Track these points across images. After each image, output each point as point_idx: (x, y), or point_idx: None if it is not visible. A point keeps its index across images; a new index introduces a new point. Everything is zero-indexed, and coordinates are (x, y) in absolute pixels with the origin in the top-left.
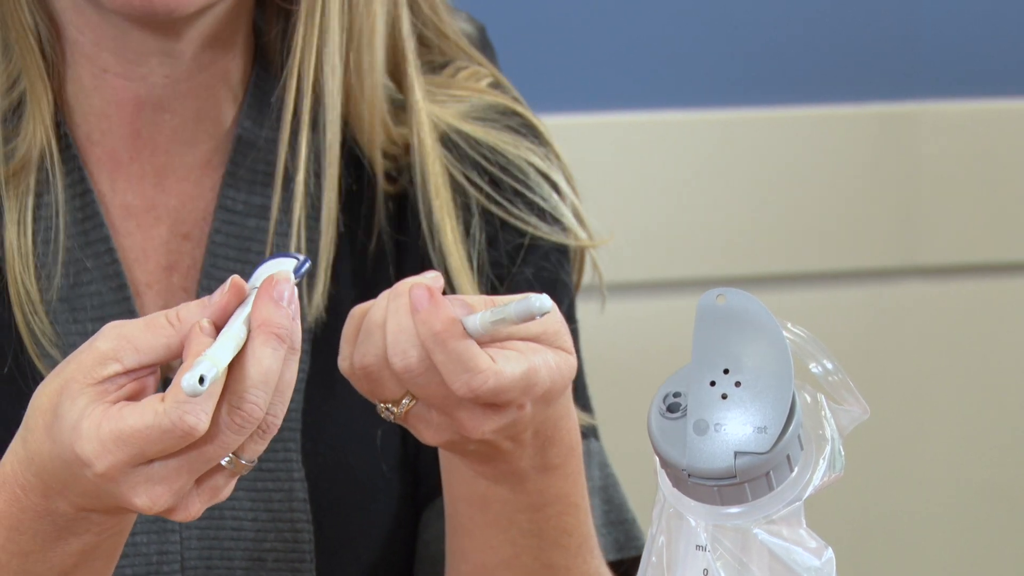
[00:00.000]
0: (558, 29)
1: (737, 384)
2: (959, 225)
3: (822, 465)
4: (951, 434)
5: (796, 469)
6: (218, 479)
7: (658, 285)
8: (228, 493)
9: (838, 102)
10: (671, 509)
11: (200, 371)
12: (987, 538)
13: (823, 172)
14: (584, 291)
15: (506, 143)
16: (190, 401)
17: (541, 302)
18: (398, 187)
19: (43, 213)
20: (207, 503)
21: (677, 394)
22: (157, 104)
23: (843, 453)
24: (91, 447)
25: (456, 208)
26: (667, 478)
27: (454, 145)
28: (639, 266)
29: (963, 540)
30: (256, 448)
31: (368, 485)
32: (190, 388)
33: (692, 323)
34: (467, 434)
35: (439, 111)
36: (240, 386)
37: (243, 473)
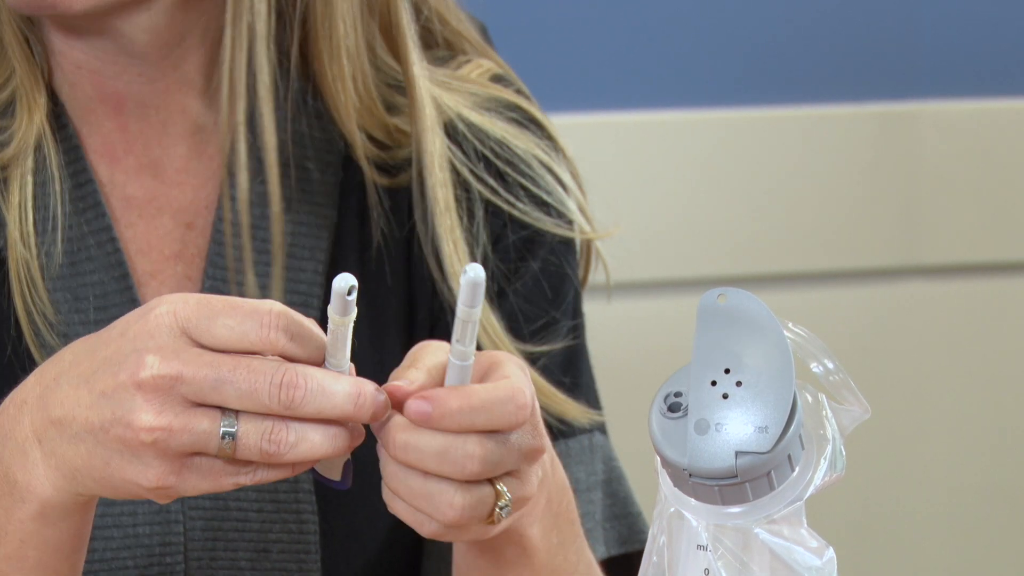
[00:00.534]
0: (560, 29)
1: (738, 384)
2: (960, 225)
3: (823, 465)
4: (952, 433)
5: (797, 469)
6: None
7: (659, 284)
8: (199, 485)
9: (839, 102)
10: (672, 509)
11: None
12: (987, 538)
13: (824, 172)
14: (589, 288)
15: (512, 135)
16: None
17: (475, 271)
18: (397, 180)
19: (41, 203)
20: (185, 476)
21: (678, 393)
22: (139, 100)
23: (844, 453)
24: (168, 306)
25: (459, 202)
26: (668, 478)
27: (460, 136)
28: (641, 265)
29: (964, 540)
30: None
31: (374, 476)
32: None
33: (693, 322)
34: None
35: (447, 96)
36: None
37: (219, 453)
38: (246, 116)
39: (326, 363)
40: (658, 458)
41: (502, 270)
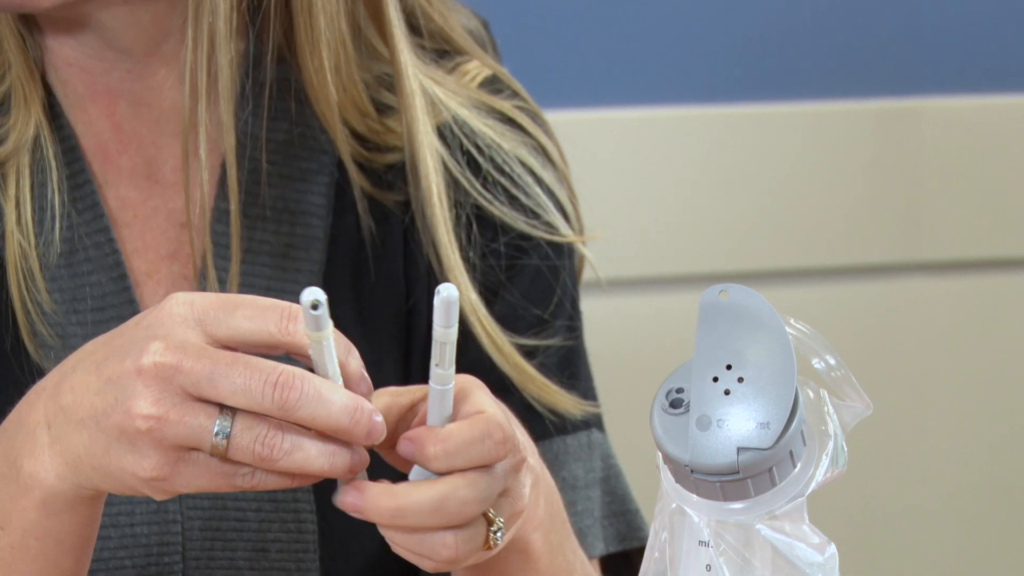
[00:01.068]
0: (560, 25)
1: (740, 380)
2: (962, 221)
3: (825, 461)
4: (954, 429)
5: (799, 465)
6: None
7: (661, 281)
8: (192, 482)
9: (841, 98)
10: (674, 505)
11: (314, 298)
12: (989, 533)
13: (826, 168)
14: (587, 286)
15: (503, 138)
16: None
17: (447, 290)
18: (393, 196)
19: (39, 198)
20: (178, 471)
21: (680, 390)
22: (132, 98)
23: (846, 449)
24: (187, 296)
25: (450, 199)
26: (670, 474)
27: (452, 137)
28: (642, 262)
29: (965, 535)
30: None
31: (372, 477)
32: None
33: (695, 319)
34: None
35: (443, 95)
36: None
37: (211, 450)
38: (206, 116)
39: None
40: (660, 454)
41: (495, 272)
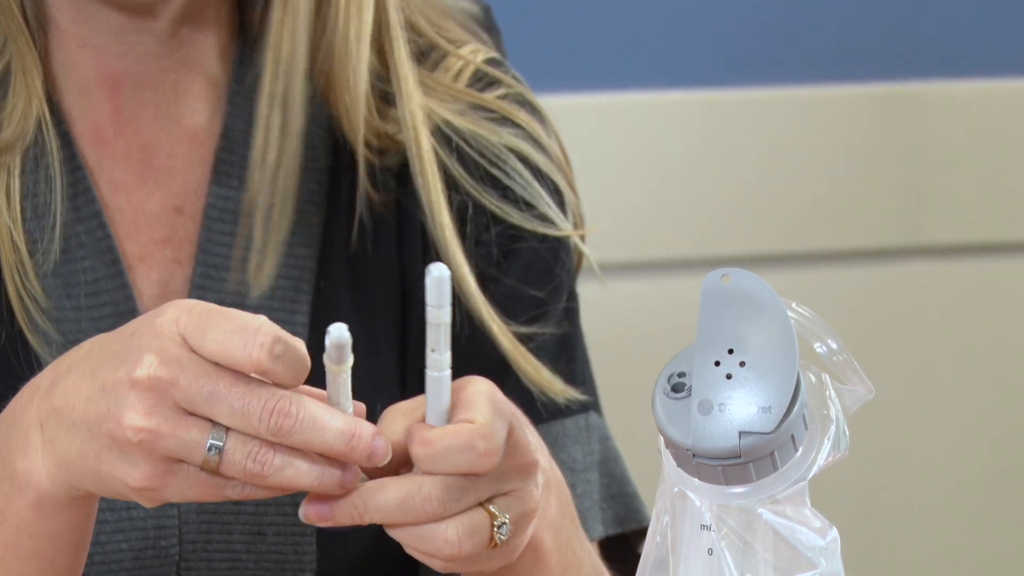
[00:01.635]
0: (560, 9)
1: (741, 364)
2: (963, 205)
3: (826, 445)
4: (955, 413)
5: (800, 449)
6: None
7: (663, 265)
8: (183, 491)
9: (842, 81)
10: (675, 489)
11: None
12: (991, 519)
13: (828, 152)
14: (589, 272)
15: (494, 133)
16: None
17: (439, 269)
18: (389, 196)
19: (34, 189)
20: (171, 484)
21: (681, 374)
22: (138, 81)
23: (847, 433)
24: (175, 312)
25: (448, 200)
26: (671, 458)
27: (445, 137)
28: (644, 246)
29: (967, 518)
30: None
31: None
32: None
33: (697, 303)
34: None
35: (433, 105)
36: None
37: (204, 465)
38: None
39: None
40: (661, 438)
41: (491, 259)
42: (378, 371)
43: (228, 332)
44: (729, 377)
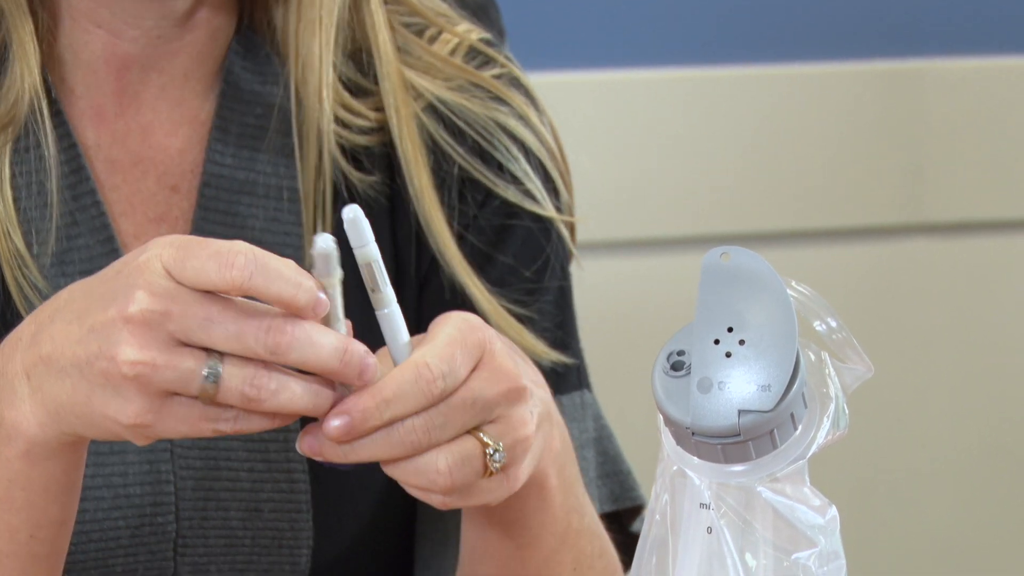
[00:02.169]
0: None
1: (741, 342)
2: (964, 182)
3: (826, 423)
4: (955, 391)
5: (800, 427)
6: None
7: (662, 243)
8: (183, 427)
9: (844, 59)
10: (675, 467)
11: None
12: (990, 496)
13: (829, 129)
14: (588, 248)
15: (486, 108)
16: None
17: (353, 211)
18: (380, 177)
19: (27, 167)
20: (167, 421)
21: (681, 352)
22: (145, 62)
23: (847, 411)
24: (161, 240)
25: (436, 174)
26: (671, 436)
27: (437, 113)
28: (643, 224)
29: (966, 497)
30: (238, 384)
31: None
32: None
33: (696, 281)
34: (523, 411)
35: (424, 81)
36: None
37: (200, 394)
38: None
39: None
40: (661, 416)
41: (485, 235)
42: (375, 345)
43: (204, 258)
44: (728, 355)
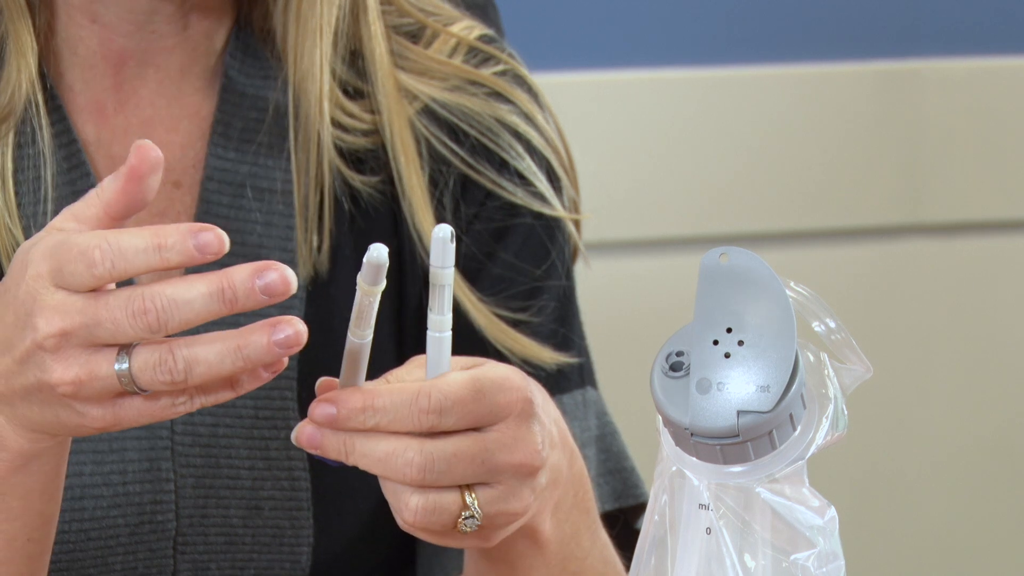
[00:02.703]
0: None
1: (740, 343)
2: (962, 183)
3: (825, 424)
4: (953, 392)
5: (799, 428)
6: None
7: (661, 243)
8: (108, 419)
9: (842, 59)
10: (674, 468)
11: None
12: (989, 497)
13: (826, 129)
14: (588, 248)
15: (488, 106)
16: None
17: (443, 230)
18: (384, 176)
19: (25, 164)
20: (96, 409)
21: (680, 353)
22: (142, 59)
23: (846, 412)
24: (35, 251)
25: (433, 177)
26: (670, 437)
27: (435, 115)
28: (642, 224)
29: (966, 498)
30: (150, 373)
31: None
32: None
33: (695, 282)
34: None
35: (421, 85)
36: (164, 292)
37: (130, 389)
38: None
39: (349, 332)
40: (660, 417)
41: (484, 236)
42: (376, 348)
43: (73, 262)
44: (727, 356)
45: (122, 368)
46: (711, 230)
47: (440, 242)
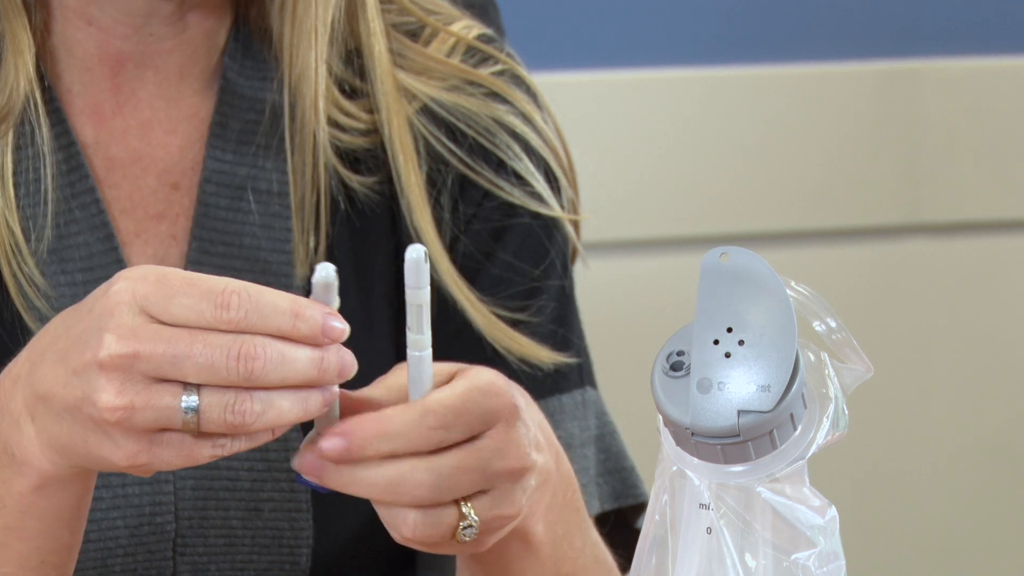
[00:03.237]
0: None
1: (740, 343)
2: (962, 183)
3: (825, 424)
4: (954, 392)
5: (799, 428)
6: (171, 435)
7: (661, 243)
8: (172, 460)
9: (842, 59)
10: (674, 467)
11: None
12: (990, 496)
13: (827, 129)
14: (589, 248)
15: (486, 107)
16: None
17: (416, 251)
18: (382, 177)
19: (25, 166)
20: (148, 453)
21: (680, 352)
22: (139, 60)
23: (847, 411)
24: (126, 284)
25: (432, 177)
26: (670, 436)
27: (433, 115)
28: (643, 224)
29: (966, 498)
30: (219, 413)
31: None
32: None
33: (696, 281)
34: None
35: (419, 84)
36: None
37: (183, 427)
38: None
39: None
40: (660, 417)
41: (483, 236)
42: (374, 350)
43: (196, 298)
44: (728, 356)
45: (190, 403)
46: (711, 230)
47: (414, 263)
